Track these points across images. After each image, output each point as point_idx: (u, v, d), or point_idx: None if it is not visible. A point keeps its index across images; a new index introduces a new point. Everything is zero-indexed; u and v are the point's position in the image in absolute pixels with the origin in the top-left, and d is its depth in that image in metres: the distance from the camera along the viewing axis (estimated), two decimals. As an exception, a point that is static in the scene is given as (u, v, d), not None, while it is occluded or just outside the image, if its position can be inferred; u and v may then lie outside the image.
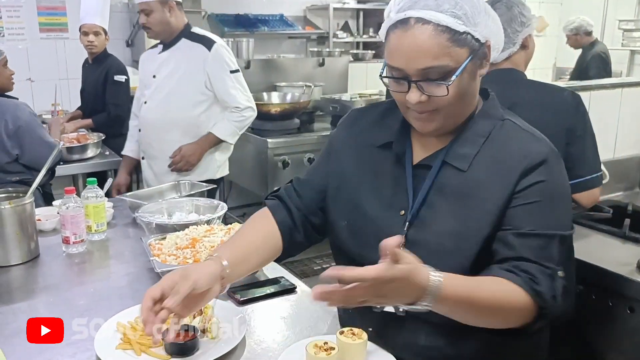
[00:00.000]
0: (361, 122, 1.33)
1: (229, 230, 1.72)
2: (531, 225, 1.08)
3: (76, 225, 1.76)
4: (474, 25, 1.08)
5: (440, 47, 1.05)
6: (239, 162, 4.24)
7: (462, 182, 1.14)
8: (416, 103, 1.09)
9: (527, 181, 1.10)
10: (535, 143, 1.15)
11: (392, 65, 1.11)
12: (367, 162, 1.27)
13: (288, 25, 7.31)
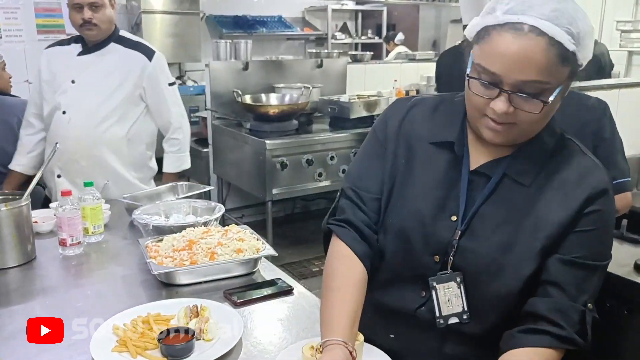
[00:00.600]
0: (411, 112, 1.24)
1: (226, 232, 1.72)
2: (580, 253, 1.07)
3: (73, 228, 1.75)
4: (582, 47, 1.00)
5: (549, 64, 0.97)
6: (237, 163, 4.25)
7: (522, 196, 1.10)
8: (501, 113, 1.02)
9: (590, 209, 1.07)
10: (597, 171, 1.11)
11: (485, 68, 1.02)
12: (421, 157, 1.19)
13: (286, 26, 7.33)
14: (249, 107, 4.19)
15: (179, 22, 6.31)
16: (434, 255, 1.14)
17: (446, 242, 1.13)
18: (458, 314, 1.13)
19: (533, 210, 1.09)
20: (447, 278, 1.12)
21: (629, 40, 5.86)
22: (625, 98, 2.48)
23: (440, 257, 1.14)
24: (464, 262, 1.12)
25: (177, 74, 6.77)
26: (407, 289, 1.18)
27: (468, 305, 1.13)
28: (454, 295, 1.12)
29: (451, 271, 1.12)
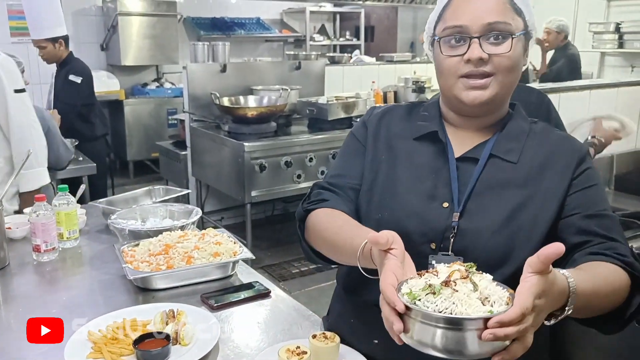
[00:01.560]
0: (387, 116, 1.31)
1: (203, 236, 1.72)
2: (596, 207, 1.13)
3: (47, 233, 1.74)
4: (527, 7, 1.16)
5: (504, 6, 1.12)
6: (215, 166, 4.24)
7: (513, 173, 1.15)
8: (477, 59, 1.10)
9: (581, 168, 1.15)
10: (573, 139, 1.23)
11: (453, 25, 1.13)
12: (404, 154, 1.24)
13: (265, 28, 7.32)
14: (227, 110, 4.18)
15: (156, 24, 6.27)
16: (430, 242, 1.14)
17: (442, 228, 1.13)
18: None
19: (531, 184, 1.14)
20: (447, 259, 1.09)
21: (601, 41, 5.96)
22: (596, 99, 2.53)
23: (437, 244, 1.14)
24: (466, 244, 1.12)
25: (155, 76, 6.73)
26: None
27: None
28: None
29: (452, 253, 1.12)
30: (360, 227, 1.12)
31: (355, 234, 1.08)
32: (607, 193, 2.63)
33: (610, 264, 1.04)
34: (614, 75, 6.03)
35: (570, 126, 2.26)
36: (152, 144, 5.73)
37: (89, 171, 3.44)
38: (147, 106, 6.38)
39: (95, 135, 3.99)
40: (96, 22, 6.33)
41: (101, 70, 6.13)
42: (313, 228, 1.22)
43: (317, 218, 1.21)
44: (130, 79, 6.56)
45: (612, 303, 1.03)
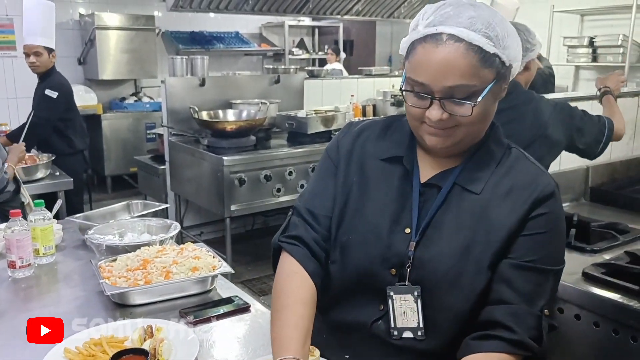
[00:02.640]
0: (363, 134, 1.28)
1: (182, 250, 1.70)
2: (533, 257, 1.09)
3: (22, 249, 1.71)
4: (503, 48, 1.06)
5: (470, 67, 1.03)
6: (194, 180, 4.21)
7: (473, 204, 1.13)
8: (437, 120, 1.07)
9: (537, 211, 1.10)
10: (543, 175, 1.15)
11: (415, 79, 1.07)
12: (373, 174, 1.22)
13: (244, 42, 7.34)
14: (206, 124, 4.17)
15: (135, 38, 6.25)
16: (391, 268, 1.15)
17: (402, 254, 1.14)
18: (413, 329, 1.14)
19: (484, 217, 1.11)
20: (405, 290, 1.13)
21: (575, 55, 6.07)
22: (571, 112, 2.57)
23: (396, 269, 1.14)
24: (421, 273, 1.12)
25: (133, 90, 6.70)
26: (364, 304, 1.18)
27: (424, 322, 1.13)
28: (409, 308, 1.13)
29: (409, 284, 1.13)
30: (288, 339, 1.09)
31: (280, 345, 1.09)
32: (583, 204, 2.67)
33: (492, 357, 1.05)
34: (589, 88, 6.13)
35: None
36: (131, 158, 5.68)
37: (65, 186, 3.39)
38: (125, 120, 6.33)
39: (72, 151, 3.94)
40: (73, 36, 6.29)
41: (79, 85, 6.08)
42: (274, 289, 1.22)
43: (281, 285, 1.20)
44: (108, 93, 6.51)
45: None
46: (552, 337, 1.12)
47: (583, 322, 1.76)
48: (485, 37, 1.04)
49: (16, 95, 5.59)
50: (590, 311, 1.74)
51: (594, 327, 1.73)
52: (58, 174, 3.50)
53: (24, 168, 3.27)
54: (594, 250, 2.01)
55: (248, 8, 4.27)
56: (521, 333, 1.05)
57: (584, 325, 1.76)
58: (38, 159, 3.46)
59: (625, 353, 1.66)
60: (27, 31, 3.78)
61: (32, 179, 3.31)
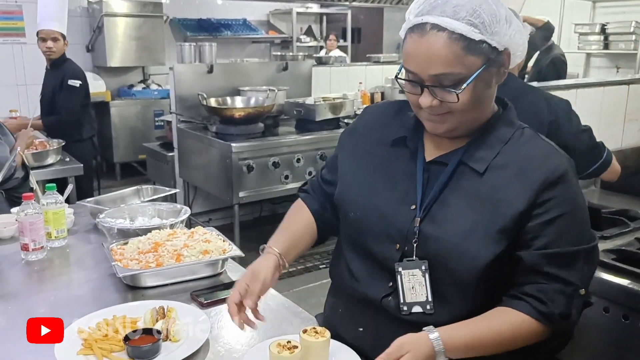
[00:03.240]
0: (374, 119, 1.34)
1: (192, 234, 1.71)
2: (557, 243, 1.09)
3: (35, 232, 1.72)
4: (492, 34, 1.07)
5: (454, 55, 1.05)
6: (203, 167, 4.22)
7: (478, 184, 1.13)
8: (427, 107, 1.11)
9: (548, 194, 1.09)
10: (555, 155, 1.14)
11: (407, 68, 1.12)
12: (380, 158, 1.27)
13: (251, 29, 7.32)
14: (214, 110, 4.17)
15: (143, 25, 6.24)
16: (395, 243, 1.18)
17: (406, 229, 1.17)
18: (422, 304, 1.16)
19: (491, 196, 1.11)
20: (412, 265, 1.15)
21: (586, 42, 6.03)
22: (582, 98, 2.55)
23: (401, 245, 1.17)
24: (427, 248, 1.15)
25: (141, 78, 6.70)
26: (376, 279, 1.22)
27: (432, 296, 1.15)
28: (418, 283, 1.15)
29: (417, 259, 1.15)
30: (276, 238, 1.35)
31: (270, 240, 1.34)
32: (593, 191, 2.66)
33: (515, 313, 1.09)
34: (599, 76, 6.11)
35: None
36: (139, 145, 5.69)
37: (75, 172, 3.41)
38: (134, 108, 6.34)
39: (81, 137, 3.96)
40: (81, 23, 6.28)
41: (87, 72, 6.06)
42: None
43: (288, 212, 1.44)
44: (116, 81, 6.52)
45: (515, 346, 1.10)
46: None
47: (593, 308, 1.74)
48: (469, 24, 1.05)
49: (26, 82, 5.61)
50: (600, 297, 1.74)
51: (603, 313, 1.73)
52: (68, 160, 3.52)
53: (35, 153, 3.29)
54: (604, 236, 2.00)
55: (256, -6, 4.25)
56: (551, 307, 1.08)
57: (594, 310, 1.75)
58: (48, 145, 3.48)
59: (635, 338, 1.66)
60: (43, 16, 3.79)
61: (42, 165, 3.33)
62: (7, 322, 1.40)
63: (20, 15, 5.54)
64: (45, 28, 3.78)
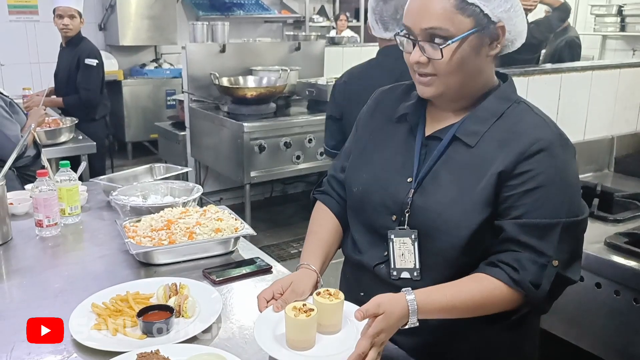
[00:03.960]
0: (383, 100, 1.39)
1: (205, 212, 1.72)
2: (533, 213, 1.10)
3: (49, 209, 1.74)
4: (486, 0, 1.10)
5: (444, 11, 1.09)
6: (214, 147, 4.23)
7: (469, 157, 1.17)
8: (414, 63, 1.14)
9: (527, 166, 1.10)
10: (542, 128, 1.14)
11: (405, 25, 1.16)
12: (384, 134, 1.32)
13: (264, 9, 7.27)
14: (226, 90, 4.16)
15: (155, 4, 6.21)
16: (392, 215, 1.23)
17: (401, 201, 1.22)
18: (410, 270, 1.21)
19: (479, 168, 1.15)
20: (403, 233, 1.21)
21: (602, 24, 5.93)
22: (598, 80, 2.52)
23: (397, 216, 1.23)
24: (417, 219, 1.19)
25: (153, 57, 6.69)
26: (373, 248, 1.28)
27: (420, 264, 1.20)
28: (407, 250, 1.21)
29: (408, 228, 1.20)
30: (310, 253, 1.32)
31: (304, 257, 1.32)
32: (607, 175, 2.64)
33: (489, 278, 1.11)
34: (615, 58, 6.02)
35: None
36: (151, 125, 5.70)
37: (88, 150, 3.44)
38: (146, 87, 6.35)
39: (94, 116, 3.98)
40: (94, 1, 6.27)
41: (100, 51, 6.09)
42: (310, 220, 1.43)
43: (313, 218, 1.44)
44: (129, 60, 6.52)
45: (487, 312, 1.13)
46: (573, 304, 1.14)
47: (603, 291, 1.76)
48: None
49: (39, 60, 5.63)
50: (611, 280, 1.74)
51: (614, 296, 1.73)
52: (81, 138, 3.54)
53: (48, 131, 3.31)
54: (617, 219, 2.00)
55: (269, -27, 4.21)
56: (522, 274, 1.09)
57: (604, 293, 1.76)
58: (62, 123, 3.50)
59: (645, 322, 1.66)
60: None
61: (55, 142, 3.36)
62: (22, 296, 1.42)
63: (33, -7, 5.54)
64: (62, 5, 3.79)
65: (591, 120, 2.56)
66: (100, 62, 3.98)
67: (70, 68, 3.90)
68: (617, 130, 2.66)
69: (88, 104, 3.87)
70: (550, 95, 2.39)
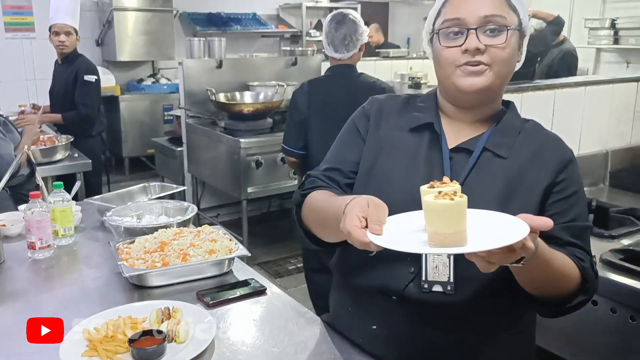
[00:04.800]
0: (387, 107, 1.35)
1: (199, 233, 1.72)
2: (572, 215, 1.18)
3: (42, 230, 1.73)
4: (522, 7, 1.21)
5: (500, 3, 1.18)
6: (211, 162, 4.23)
7: (504, 168, 1.19)
8: (474, 49, 1.15)
9: (563, 175, 1.19)
10: (561, 142, 1.26)
11: (452, 18, 1.18)
12: (401, 144, 1.28)
13: (261, 24, 7.30)
14: (223, 106, 4.17)
15: (152, 19, 6.25)
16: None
17: None
18: (443, 284, 1.16)
19: (518, 179, 1.18)
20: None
21: (597, 37, 5.97)
22: (591, 95, 2.53)
23: None
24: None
25: (151, 72, 6.71)
26: (395, 267, 1.20)
27: (455, 277, 1.16)
28: (442, 263, 1.17)
29: None
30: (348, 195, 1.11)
31: (342, 200, 1.07)
32: (602, 189, 2.64)
33: (569, 258, 1.14)
34: (610, 71, 6.05)
35: None
36: (148, 140, 5.71)
37: (84, 167, 3.43)
38: (143, 102, 6.36)
39: (90, 133, 3.98)
40: (91, 17, 6.30)
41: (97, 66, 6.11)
42: (308, 206, 1.27)
43: (312, 197, 1.27)
44: (126, 75, 6.54)
45: (559, 288, 1.13)
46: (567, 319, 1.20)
47: (600, 308, 1.75)
48: None
49: (35, 76, 5.64)
50: (607, 297, 1.73)
51: (610, 313, 1.72)
52: (77, 156, 3.54)
53: (43, 149, 3.31)
54: (612, 235, 1.99)
55: (265, -11, 4.24)
56: (583, 264, 1.15)
57: (600, 311, 1.75)
58: (57, 141, 3.50)
59: (642, 340, 1.65)
60: (55, 11, 3.82)
61: (51, 160, 3.35)
62: (14, 320, 1.41)
63: (30, 10, 5.57)
64: (58, 22, 3.81)
65: (585, 135, 2.57)
66: (98, 78, 3.99)
67: (67, 85, 3.91)
68: (612, 144, 2.67)
69: (87, 120, 3.87)
70: (544, 111, 2.40)
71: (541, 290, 1.13)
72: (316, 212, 1.23)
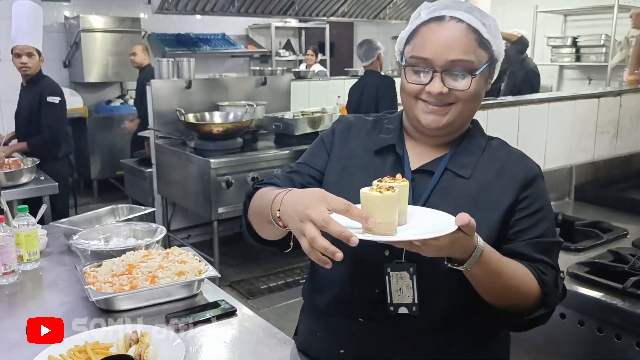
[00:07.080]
0: (356, 127, 1.36)
1: (168, 255, 1.70)
2: (539, 232, 1.19)
3: (6, 256, 1.69)
4: (495, 40, 1.20)
5: (470, 44, 1.16)
6: (181, 183, 4.20)
7: (466, 187, 1.20)
8: (437, 94, 1.16)
9: (528, 192, 1.20)
10: (527, 159, 1.26)
11: (418, 56, 1.17)
12: (364, 164, 1.29)
13: (230, 44, 7.32)
14: (192, 126, 4.16)
15: (121, 40, 6.22)
16: (385, 249, 1.19)
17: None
18: (408, 305, 1.17)
19: (479, 199, 1.19)
20: (400, 267, 1.17)
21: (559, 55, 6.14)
22: (554, 111, 2.59)
23: (390, 250, 1.18)
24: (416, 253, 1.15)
25: (119, 93, 6.66)
26: (360, 289, 1.21)
27: (419, 297, 1.16)
28: (405, 285, 1.17)
29: (405, 261, 1.17)
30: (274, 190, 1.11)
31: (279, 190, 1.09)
32: (567, 203, 2.69)
33: (527, 269, 1.15)
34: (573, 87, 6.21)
35: None
36: (117, 162, 5.64)
37: (50, 191, 3.36)
38: (111, 123, 6.30)
39: (57, 155, 3.91)
40: (58, 38, 6.24)
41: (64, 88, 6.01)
42: (254, 198, 1.23)
43: (260, 190, 1.22)
44: (94, 96, 6.47)
45: (517, 299, 1.14)
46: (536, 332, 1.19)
47: (568, 321, 1.77)
48: (481, 23, 1.18)
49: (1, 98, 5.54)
50: (574, 310, 1.75)
51: (578, 326, 1.75)
52: (43, 179, 3.46)
53: (8, 173, 3.24)
54: (578, 249, 2.03)
55: (234, 10, 4.26)
56: (545, 277, 1.15)
57: (568, 324, 1.77)
58: (22, 164, 3.43)
59: (609, 351, 1.67)
60: (16, 33, 3.75)
61: (16, 184, 3.28)
62: (-24, 350, 1.37)
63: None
64: (19, 43, 3.74)
65: (550, 151, 2.62)
66: (63, 99, 3.93)
67: (32, 107, 3.84)
68: (576, 159, 2.73)
69: (52, 142, 3.79)
70: (509, 127, 2.44)
71: (500, 301, 1.14)
72: (255, 202, 1.22)
